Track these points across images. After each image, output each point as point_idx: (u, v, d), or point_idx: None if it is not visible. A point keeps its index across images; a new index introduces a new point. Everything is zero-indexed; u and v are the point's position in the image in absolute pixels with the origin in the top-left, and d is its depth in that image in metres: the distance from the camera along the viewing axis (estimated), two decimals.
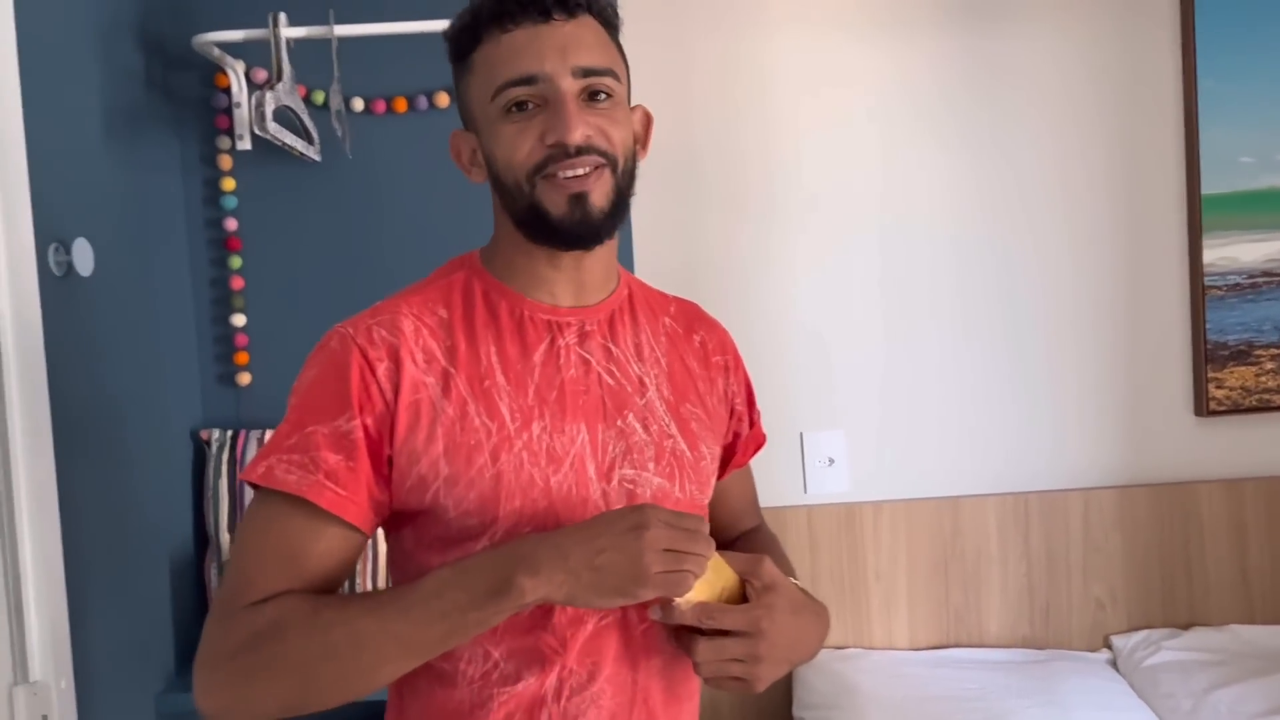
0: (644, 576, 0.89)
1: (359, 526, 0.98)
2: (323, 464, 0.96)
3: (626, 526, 0.91)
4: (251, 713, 0.96)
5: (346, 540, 0.98)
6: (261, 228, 2.02)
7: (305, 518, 0.97)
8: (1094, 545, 2.13)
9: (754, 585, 1.00)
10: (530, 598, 0.91)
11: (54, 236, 1.52)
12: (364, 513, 0.98)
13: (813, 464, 2.14)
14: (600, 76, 1.00)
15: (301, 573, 0.97)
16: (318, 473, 0.96)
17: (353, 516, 0.97)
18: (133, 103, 1.85)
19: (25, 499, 1.39)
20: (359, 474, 0.97)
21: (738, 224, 2.13)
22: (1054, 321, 2.14)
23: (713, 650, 0.96)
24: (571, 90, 0.99)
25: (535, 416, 1.01)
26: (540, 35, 0.99)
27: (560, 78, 0.98)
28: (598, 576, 0.90)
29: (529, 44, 0.99)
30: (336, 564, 0.99)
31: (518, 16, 0.99)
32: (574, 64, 0.99)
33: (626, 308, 1.12)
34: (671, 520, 0.91)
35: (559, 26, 1.00)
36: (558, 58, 0.98)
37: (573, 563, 0.90)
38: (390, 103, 2.01)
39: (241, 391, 2.04)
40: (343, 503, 0.96)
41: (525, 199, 1.00)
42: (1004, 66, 2.12)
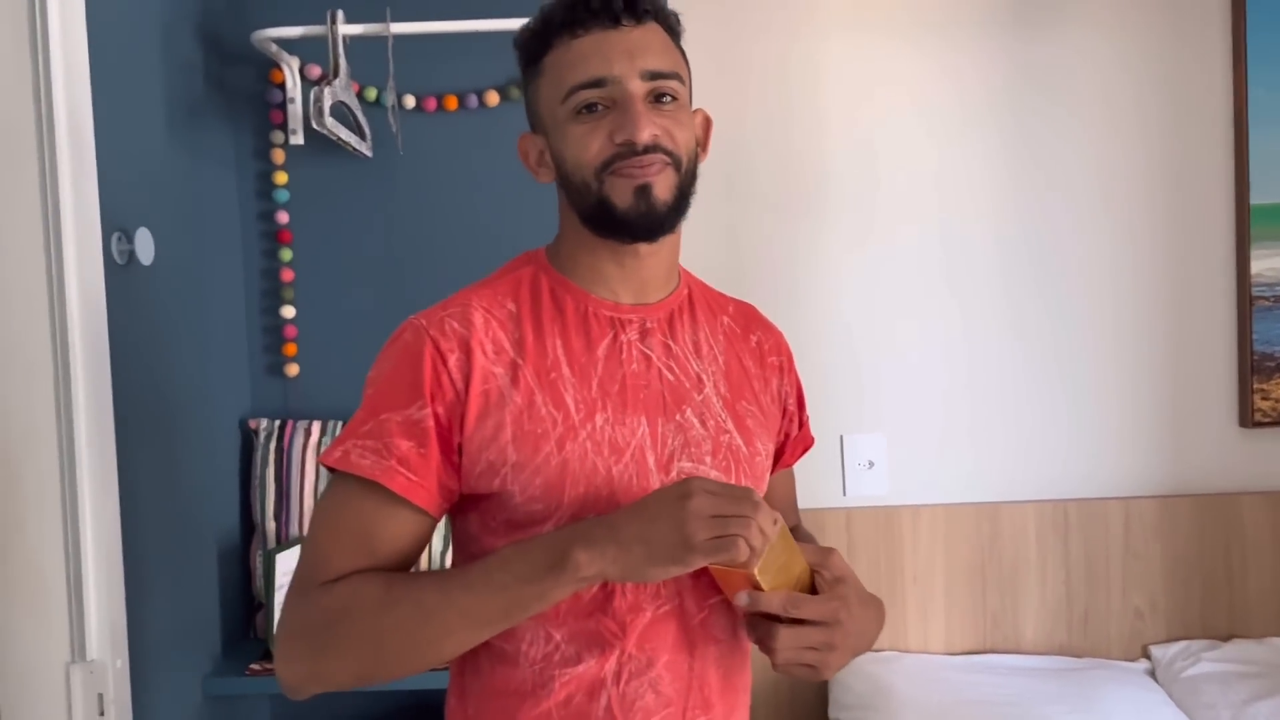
0: (690, 542, 0.92)
1: (428, 510, 1.02)
2: (395, 450, 1.00)
3: (673, 497, 0.94)
4: (328, 682, 1.01)
5: (416, 523, 1.03)
6: (312, 222, 2.06)
7: (378, 501, 1.01)
8: (1134, 554, 2.12)
9: (824, 576, 1.02)
10: (586, 572, 0.94)
11: (117, 225, 1.55)
12: (433, 497, 1.02)
13: (852, 467, 2.15)
14: (666, 80, 1.04)
15: (374, 552, 1.01)
16: (391, 459, 1.00)
17: (422, 501, 1.02)
18: (192, 96, 1.89)
19: (88, 481, 1.43)
20: (430, 460, 1.01)
21: (784, 225, 2.14)
22: (1098, 328, 2.14)
23: (794, 638, 0.99)
24: (639, 92, 1.03)
25: (598, 408, 1.04)
26: (609, 40, 1.03)
27: (629, 80, 1.02)
28: (648, 548, 0.93)
29: (598, 48, 1.03)
30: (407, 545, 1.03)
31: (588, 23, 1.03)
32: (642, 67, 1.03)
33: (686, 307, 1.15)
34: (716, 488, 0.94)
35: (627, 32, 1.04)
36: (626, 61, 1.02)
37: (623, 536, 0.94)
38: (441, 100, 2.03)
39: (289, 382, 2.07)
40: (413, 488, 1.01)
41: (593, 195, 1.04)
42: (1053, 71, 2.12)
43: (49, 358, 1.41)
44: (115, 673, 1.46)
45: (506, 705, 1.05)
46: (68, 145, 1.41)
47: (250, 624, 2.02)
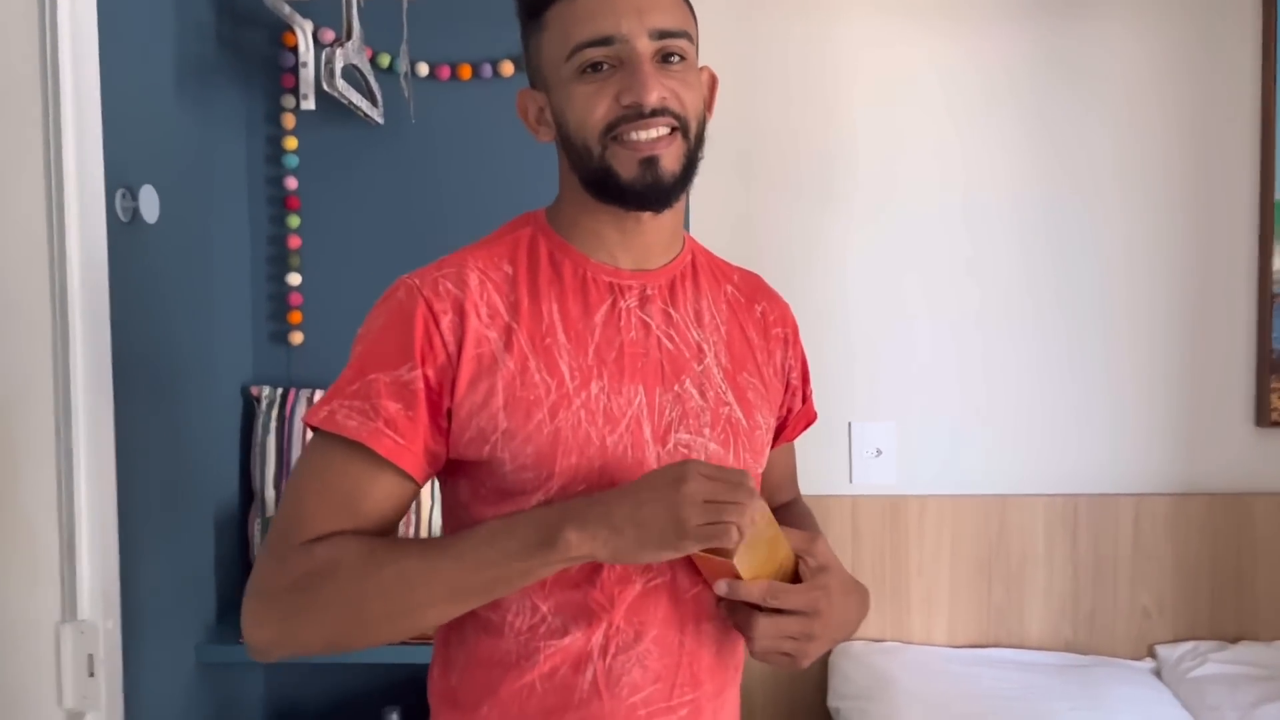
0: (684, 528, 0.90)
1: (412, 475, 1.00)
2: (383, 411, 0.97)
3: (667, 481, 0.91)
4: (300, 647, 0.98)
5: (400, 487, 1.00)
6: (321, 188, 2.03)
7: (362, 463, 0.98)
8: (1143, 552, 2.09)
9: (808, 564, 1.00)
10: (576, 552, 0.92)
11: (122, 182, 1.53)
12: (418, 461, 1.00)
13: (860, 454, 2.12)
14: (676, 39, 1.01)
15: (355, 515, 0.99)
16: (377, 419, 0.97)
17: (407, 464, 0.99)
18: (203, 57, 1.86)
19: (83, 440, 1.41)
20: (417, 423, 0.98)
21: (796, 209, 2.11)
22: (1115, 321, 2.10)
23: (772, 627, 0.97)
24: (648, 51, 0.99)
25: (594, 376, 1.02)
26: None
27: (637, 39, 0.98)
28: (640, 531, 0.91)
29: (606, 4, 0.99)
30: (390, 509, 1.01)
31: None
32: (650, 25, 0.99)
33: (689, 274, 1.12)
34: (712, 473, 0.92)
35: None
36: (635, 19, 0.98)
37: (616, 518, 0.92)
38: (455, 69, 2.00)
39: (293, 350, 2.05)
40: (399, 450, 0.98)
41: (596, 159, 1.01)
42: (1076, 61, 2.08)
43: (47, 314, 1.39)
44: (106, 634, 1.44)
45: (490, 676, 1.03)
46: (72, 99, 1.39)
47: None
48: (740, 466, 1.08)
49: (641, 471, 1.01)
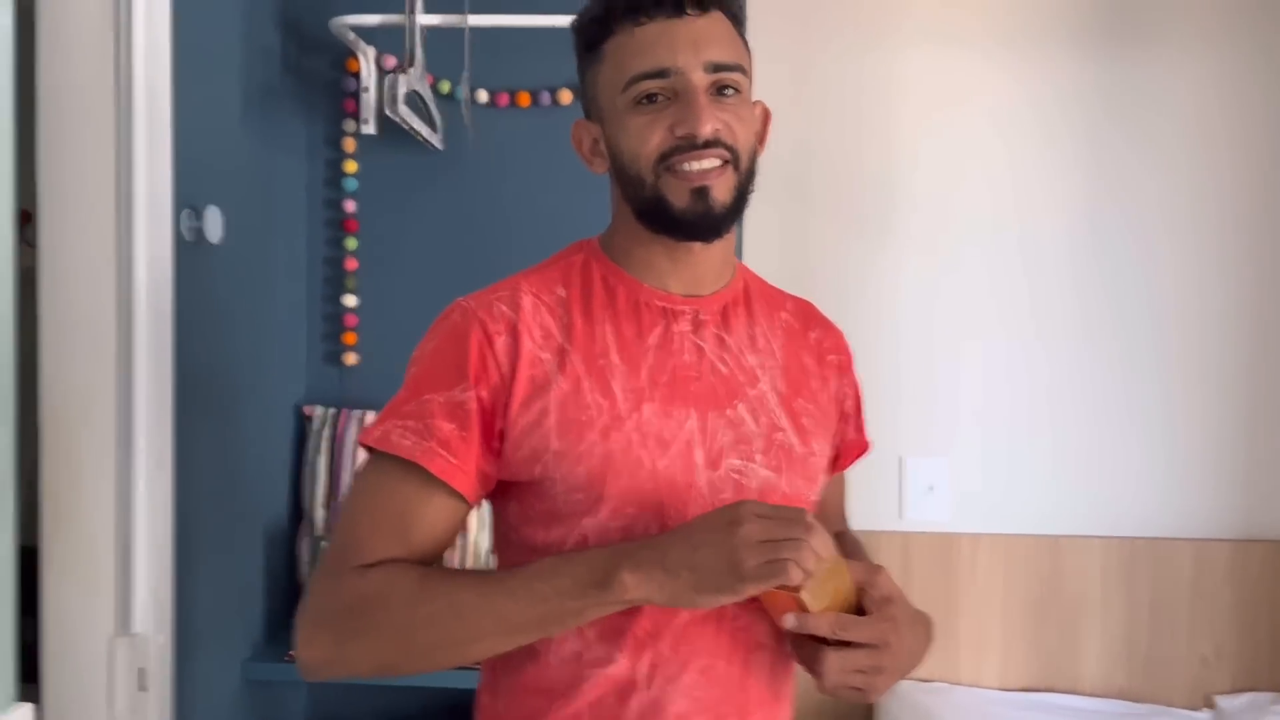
0: (740, 570, 0.89)
1: (465, 495, 1.00)
2: (437, 432, 0.98)
3: (722, 523, 0.91)
4: (350, 669, 0.98)
5: (452, 508, 1.00)
6: (379, 212, 2.05)
7: (416, 483, 0.99)
8: (1203, 599, 2.03)
9: (872, 595, 0.98)
10: (631, 594, 0.91)
11: (188, 202, 1.56)
12: (471, 482, 1.00)
13: (912, 490, 2.09)
14: (730, 72, 1.02)
15: (408, 537, 0.99)
16: (431, 440, 0.98)
17: (460, 485, 0.99)
18: (268, 81, 1.90)
19: (143, 456, 1.43)
20: (470, 444, 0.99)
21: (850, 238, 2.09)
22: (1174, 359, 2.06)
23: (842, 661, 0.95)
24: (702, 84, 1.00)
25: (646, 399, 1.02)
26: (673, 29, 1.00)
27: (692, 71, 1.00)
28: (696, 575, 0.90)
29: (662, 38, 1.00)
30: (442, 531, 1.01)
31: (652, 10, 1.01)
32: (706, 59, 1.00)
33: (741, 299, 1.12)
34: (767, 512, 0.91)
35: (691, 21, 1.01)
36: (690, 52, 1.00)
37: (671, 561, 0.91)
38: (514, 96, 2.02)
39: (347, 371, 2.07)
40: (452, 470, 0.98)
41: (649, 190, 1.02)
42: (1138, 91, 2.05)
43: (112, 331, 1.42)
44: (157, 648, 1.45)
45: (537, 704, 1.02)
46: (144, 120, 1.42)
47: (293, 611, 2.01)
48: (791, 492, 1.07)
49: (691, 497, 1.01)
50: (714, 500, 1.02)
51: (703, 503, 1.01)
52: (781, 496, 1.05)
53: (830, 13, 2.07)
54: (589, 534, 1.00)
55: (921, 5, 2.07)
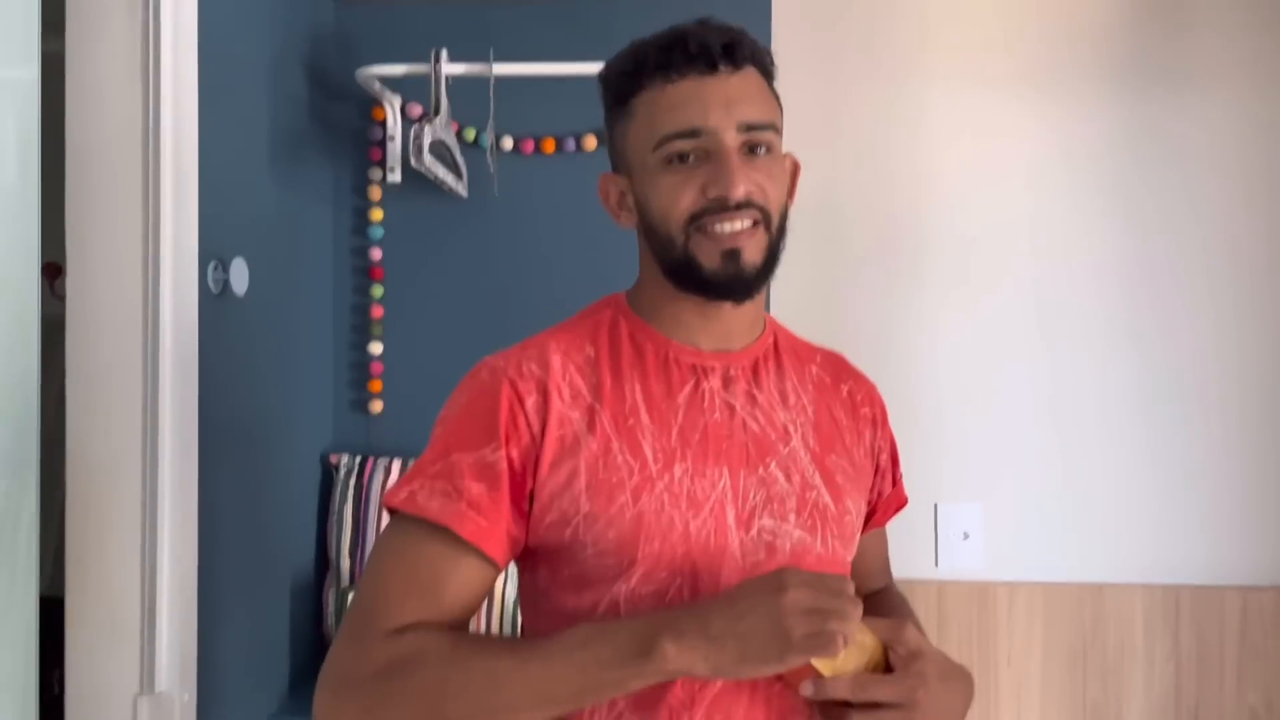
0: (788, 640, 0.85)
1: (494, 559, 0.97)
2: (466, 492, 0.96)
3: (767, 590, 0.87)
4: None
5: (482, 571, 0.98)
6: (405, 259, 2.05)
7: (444, 545, 0.96)
8: (1251, 649, 1.97)
9: (898, 652, 0.95)
10: (673, 665, 0.88)
11: (214, 254, 1.56)
12: (501, 545, 0.98)
13: (946, 537, 2.04)
14: (763, 131, 1.00)
15: (437, 601, 0.96)
16: (460, 501, 0.96)
17: (490, 548, 0.97)
18: (295, 130, 1.90)
19: (168, 511, 1.42)
20: (500, 505, 0.97)
21: (880, 283, 2.07)
22: (1219, 398, 2.01)
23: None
24: (735, 144, 0.99)
25: (678, 458, 0.99)
26: (705, 87, 0.99)
27: (725, 132, 0.98)
28: (741, 645, 0.86)
29: (694, 96, 0.99)
30: (471, 595, 0.98)
31: (684, 67, 0.99)
32: (739, 119, 0.99)
33: (772, 354, 1.10)
34: (812, 581, 0.87)
35: (724, 79, 0.99)
36: (723, 112, 0.98)
37: (714, 630, 0.87)
38: (539, 143, 2.02)
39: (372, 419, 2.06)
40: (483, 533, 0.96)
41: (679, 249, 1.00)
42: (1174, 134, 2.02)
43: (139, 384, 1.42)
44: (182, 706, 1.44)
45: None
46: (171, 174, 1.43)
47: (319, 663, 1.99)
48: (826, 553, 1.04)
49: (724, 559, 0.98)
50: (746, 563, 0.99)
51: (736, 565, 0.99)
52: (816, 558, 1.03)
53: (859, 54, 2.06)
54: (621, 599, 0.97)
55: (950, 48, 2.05)
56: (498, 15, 2.03)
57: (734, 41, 1.00)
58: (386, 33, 2.03)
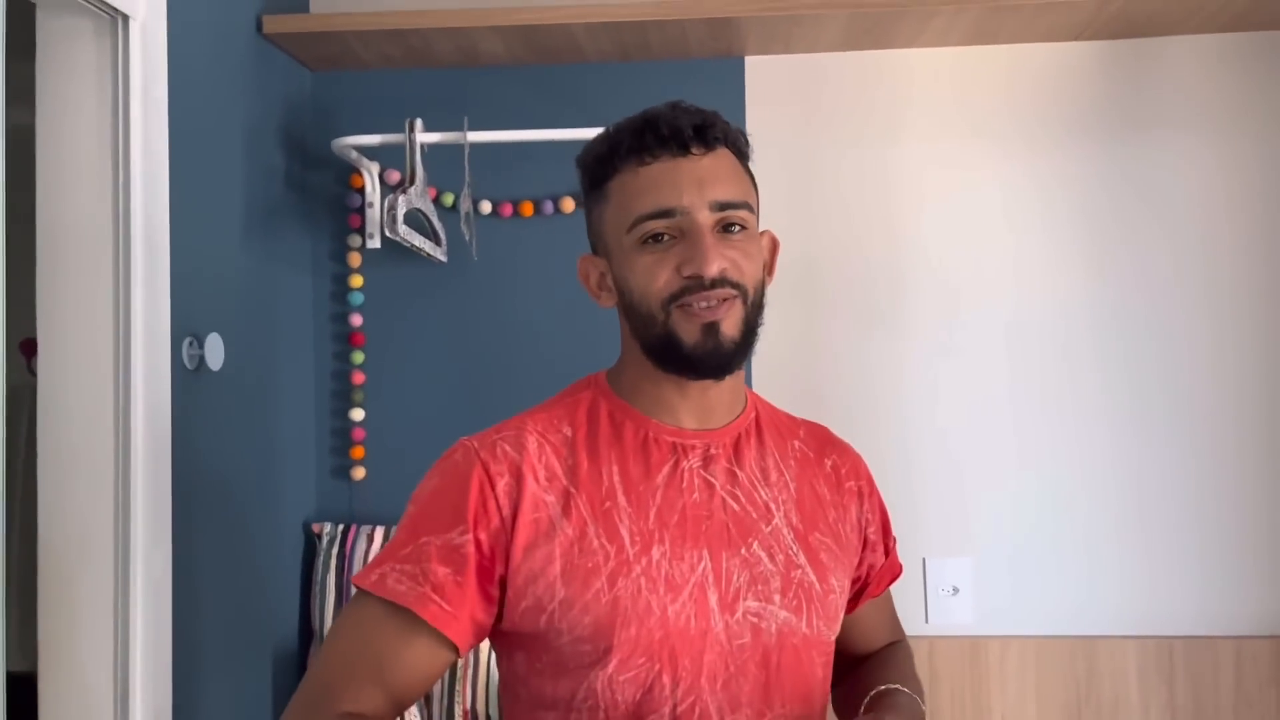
0: None
1: (455, 643, 0.97)
2: (431, 576, 0.96)
3: None
4: None
5: (438, 654, 0.98)
6: (385, 325, 2.05)
7: (403, 625, 0.96)
8: (1246, 699, 1.94)
9: None
10: None
11: (189, 330, 1.56)
12: (464, 631, 0.97)
13: (935, 592, 2.02)
14: (736, 210, 1.01)
15: (385, 679, 0.96)
16: (425, 585, 0.96)
17: (452, 633, 0.97)
18: (271, 201, 1.91)
19: (140, 590, 1.41)
20: (465, 590, 0.97)
21: (862, 338, 2.06)
22: (1206, 450, 2.00)
23: None
24: (708, 223, 1.00)
25: (655, 541, 0.99)
26: (678, 169, 1.00)
27: (698, 211, 0.99)
28: None
29: (667, 177, 1.00)
30: (422, 676, 0.98)
31: (656, 150, 1.01)
32: (711, 198, 1.00)
33: (753, 430, 1.09)
34: None
35: (696, 160, 1.01)
36: (695, 192, 0.99)
37: None
38: (517, 206, 2.03)
39: (355, 486, 2.04)
40: (446, 618, 0.96)
41: (659, 327, 1.00)
42: (1152, 180, 2.03)
43: (110, 461, 1.41)
44: None
45: None
46: (142, 249, 1.43)
47: None
48: (812, 633, 1.03)
49: (706, 643, 0.97)
50: (732, 645, 0.98)
51: (721, 649, 0.98)
52: (802, 638, 1.02)
53: (829, 107, 2.08)
54: (599, 687, 0.96)
55: (921, 98, 2.06)
56: (474, 80, 2.04)
57: (706, 123, 1.01)
58: (363, 99, 2.05)
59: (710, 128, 1.01)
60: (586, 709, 0.97)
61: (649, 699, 0.96)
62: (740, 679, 0.98)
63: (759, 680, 0.99)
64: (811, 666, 1.03)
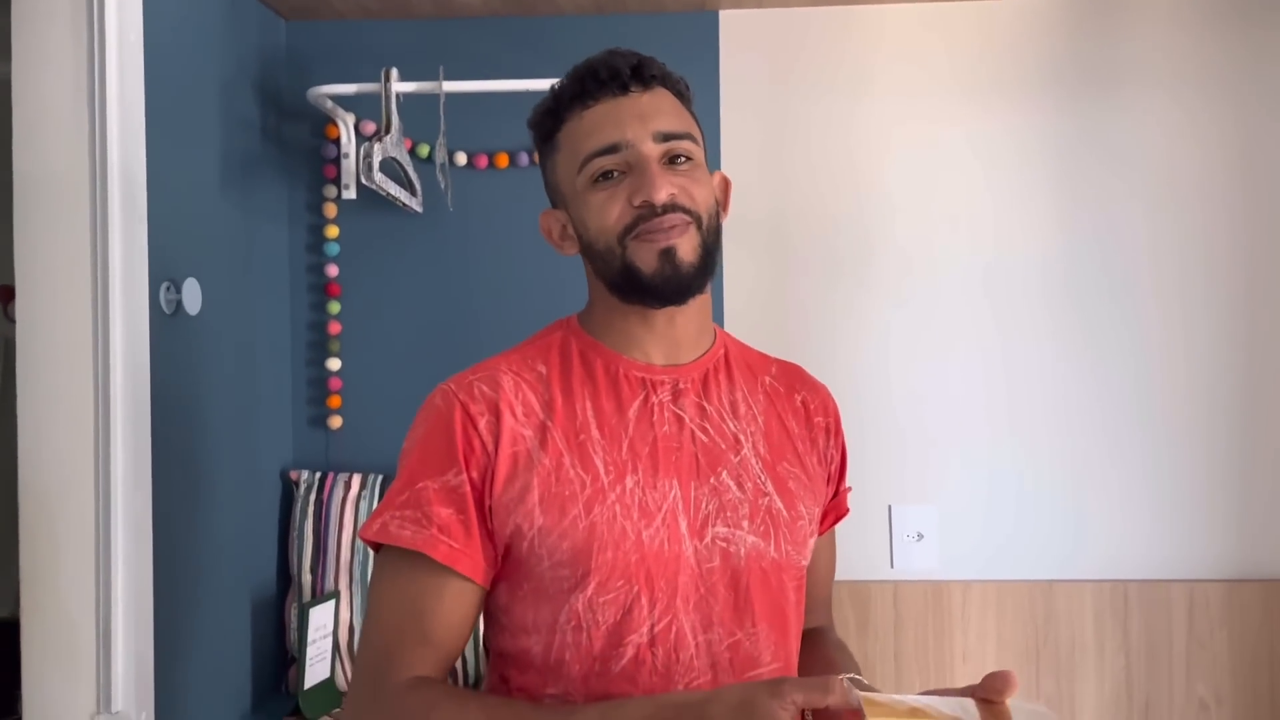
0: None
1: (473, 579, 1.01)
2: (435, 518, 1.00)
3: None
4: None
5: (464, 592, 1.01)
6: (361, 275, 2.07)
7: (425, 574, 1.00)
8: (1199, 641, 2.02)
9: None
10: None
11: (166, 275, 1.57)
12: (477, 565, 1.01)
13: (901, 538, 2.08)
14: (679, 140, 1.05)
15: (429, 634, 0.99)
16: (431, 527, 0.99)
17: (466, 568, 1.00)
18: (248, 150, 1.92)
19: (121, 532, 1.43)
20: (471, 527, 1.00)
21: (831, 291, 2.10)
22: (1164, 400, 2.06)
23: None
24: (653, 154, 1.03)
25: (629, 470, 1.03)
26: (620, 106, 1.04)
27: (642, 143, 1.03)
28: None
29: (610, 116, 1.04)
30: (460, 619, 1.01)
31: (597, 93, 1.04)
32: (654, 129, 1.03)
33: (722, 366, 1.13)
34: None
35: (636, 98, 1.05)
36: (638, 125, 1.03)
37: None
38: (492, 158, 2.04)
39: (332, 434, 2.07)
40: (456, 555, 0.99)
41: (618, 260, 1.04)
42: (1118, 135, 2.07)
43: (90, 405, 1.42)
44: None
45: None
46: (119, 196, 1.44)
47: (282, 678, 2.00)
48: (780, 557, 1.07)
49: (680, 566, 1.01)
50: (702, 569, 1.03)
51: (691, 572, 1.02)
52: (770, 562, 1.06)
53: (803, 70, 2.10)
54: (580, 609, 1.00)
55: (892, 53, 2.09)
56: (450, 31, 2.05)
57: (642, 63, 1.05)
58: (338, 50, 2.05)
59: (646, 66, 1.05)
60: (570, 630, 1.01)
61: (629, 619, 1.00)
62: (711, 600, 1.03)
63: (729, 601, 1.03)
64: (782, 590, 1.08)
